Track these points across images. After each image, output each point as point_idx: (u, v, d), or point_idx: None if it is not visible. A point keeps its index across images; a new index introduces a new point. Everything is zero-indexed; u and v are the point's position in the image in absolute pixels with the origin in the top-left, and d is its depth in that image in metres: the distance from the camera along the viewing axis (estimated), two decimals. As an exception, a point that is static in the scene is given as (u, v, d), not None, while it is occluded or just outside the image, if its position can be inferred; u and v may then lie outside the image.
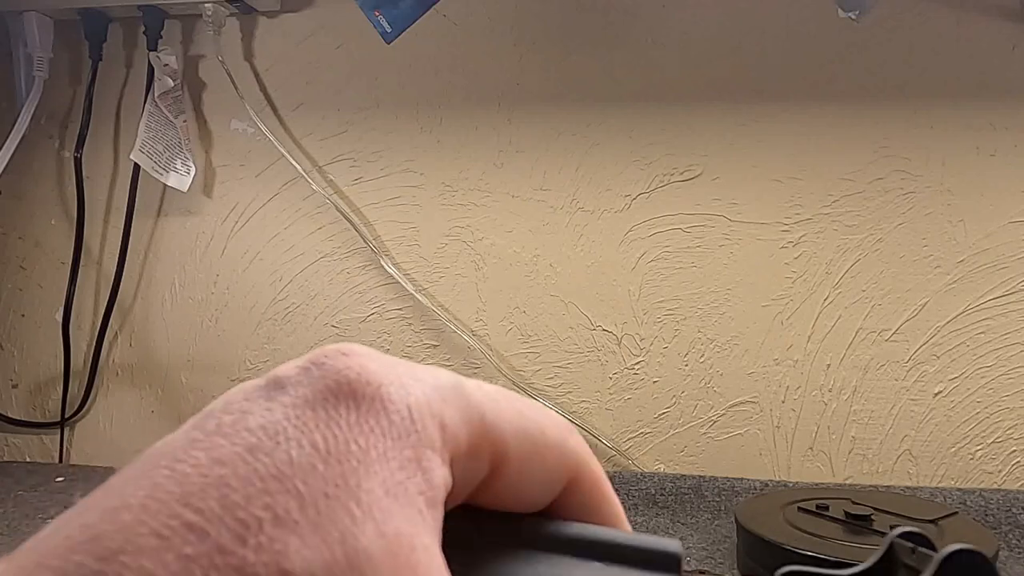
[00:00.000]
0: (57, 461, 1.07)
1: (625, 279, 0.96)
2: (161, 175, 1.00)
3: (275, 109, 1.02)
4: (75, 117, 1.04)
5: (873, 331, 0.91)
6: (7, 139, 0.99)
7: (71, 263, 1.05)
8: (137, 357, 1.06)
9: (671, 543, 0.18)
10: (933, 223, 0.90)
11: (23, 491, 0.92)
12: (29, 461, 1.08)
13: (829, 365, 0.92)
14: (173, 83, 1.00)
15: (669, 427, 0.95)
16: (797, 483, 0.90)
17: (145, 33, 1.00)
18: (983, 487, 0.87)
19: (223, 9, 0.98)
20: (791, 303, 0.93)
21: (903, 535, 0.21)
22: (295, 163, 0.99)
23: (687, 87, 0.94)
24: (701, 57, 0.94)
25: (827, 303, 0.92)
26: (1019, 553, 0.77)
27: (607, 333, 0.96)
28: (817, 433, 0.92)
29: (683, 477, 0.90)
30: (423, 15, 0.88)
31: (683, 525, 0.83)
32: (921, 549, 0.20)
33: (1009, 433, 0.89)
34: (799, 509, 0.70)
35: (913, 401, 0.90)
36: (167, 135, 1.00)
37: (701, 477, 0.90)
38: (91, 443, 1.07)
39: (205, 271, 1.05)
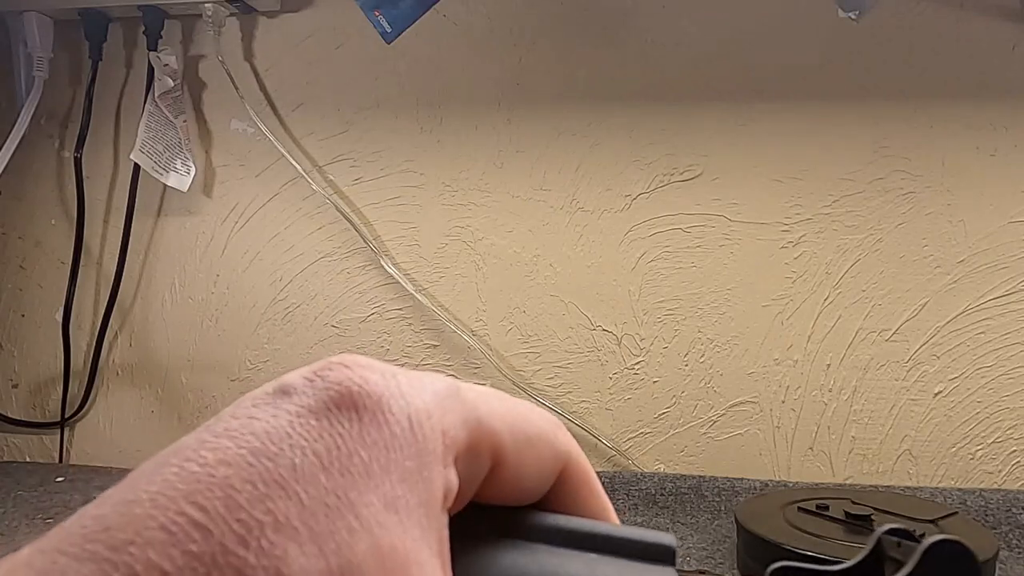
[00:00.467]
0: (57, 461, 1.07)
1: (625, 279, 0.96)
2: (161, 175, 1.00)
3: (275, 109, 1.02)
4: (75, 117, 1.04)
5: (873, 331, 0.91)
6: (7, 139, 0.99)
7: (71, 263, 1.05)
8: (137, 357, 1.06)
9: (666, 536, 0.18)
10: (933, 223, 0.90)
11: (23, 491, 0.92)
12: (29, 461, 1.08)
13: (829, 365, 0.92)
14: (173, 83, 1.00)
15: (669, 427, 0.95)
16: (797, 483, 0.90)
17: (145, 33, 1.00)
18: (983, 487, 0.87)
19: (223, 9, 0.98)
20: (791, 303, 0.93)
21: (890, 531, 0.21)
22: (295, 163, 0.99)
23: (687, 87, 0.94)
24: (701, 57, 0.94)
25: (827, 303, 0.92)
26: (1019, 553, 0.77)
27: (607, 333, 0.96)
28: (817, 433, 0.92)
29: (683, 477, 0.90)
30: (423, 15, 0.88)
31: (683, 525, 0.83)
32: (906, 542, 0.20)
33: (1009, 433, 0.89)
34: (799, 509, 0.70)
35: (913, 401, 0.90)
36: (167, 135, 1.00)
37: (701, 477, 0.90)
38: (91, 443, 1.08)
39: (205, 271, 1.05)
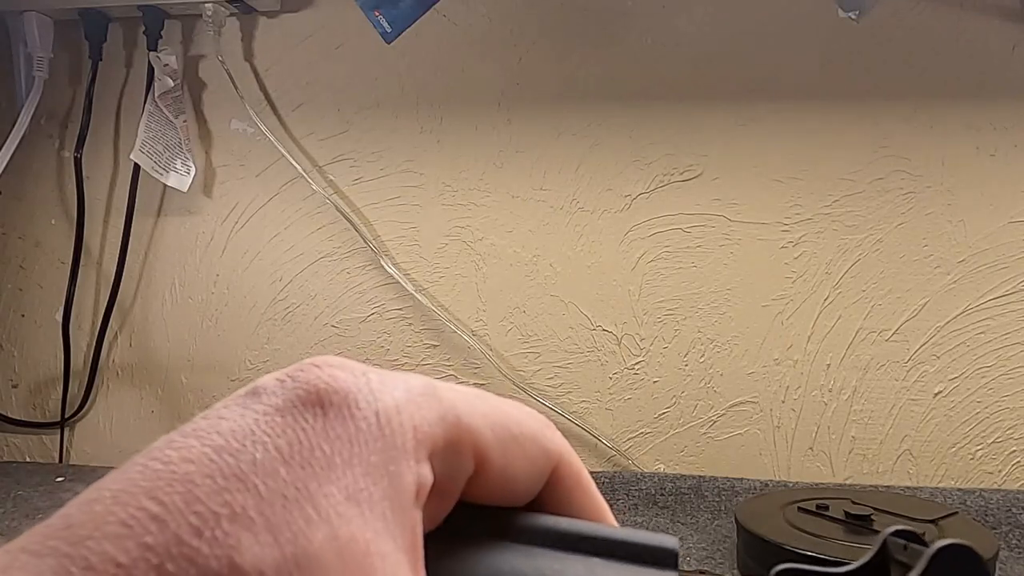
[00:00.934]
0: (57, 461, 1.07)
1: (625, 279, 0.96)
2: (161, 175, 1.00)
3: (275, 109, 1.02)
4: (75, 117, 1.04)
5: (873, 331, 0.91)
6: (7, 139, 0.99)
7: (71, 263, 1.05)
8: (137, 357, 1.06)
9: (668, 539, 0.18)
10: (933, 223, 0.90)
11: (23, 491, 0.92)
12: (29, 461, 1.08)
13: (829, 365, 0.92)
14: (173, 83, 1.00)
15: (669, 427, 0.95)
16: (797, 483, 0.90)
17: (145, 33, 1.00)
18: (983, 487, 0.87)
19: (223, 9, 0.98)
20: (791, 303, 0.93)
21: (896, 533, 0.21)
22: (295, 163, 0.99)
23: (687, 87, 0.94)
24: (701, 57, 0.94)
25: (827, 303, 0.92)
26: (1019, 553, 0.77)
27: (607, 333, 0.96)
28: (817, 433, 0.92)
29: (683, 477, 0.90)
30: (423, 15, 0.88)
31: (683, 525, 0.83)
32: (913, 546, 0.20)
33: (1009, 433, 0.89)
34: (799, 509, 0.70)
35: (913, 401, 0.90)
36: (167, 135, 1.00)
37: (701, 477, 0.90)
38: (91, 443, 1.07)
39: (205, 271, 1.05)
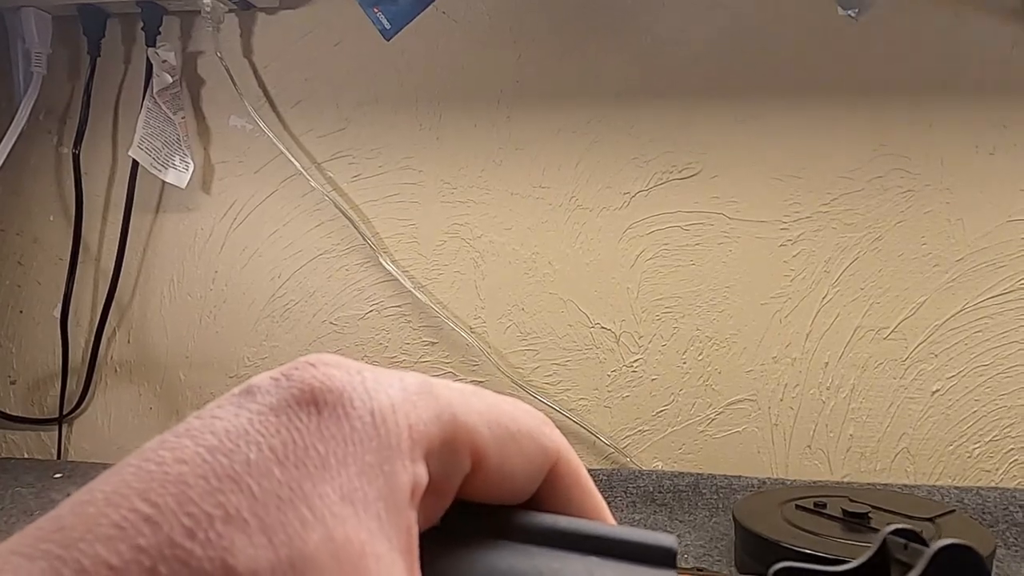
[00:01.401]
0: (55, 458, 1.07)
1: (624, 277, 0.96)
2: (159, 171, 1.00)
3: (274, 105, 1.02)
4: (73, 113, 1.04)
5: (871, 329, 0.91)
6: (5, 135, 0.99)
7: (69, 259, 1.04)
8: (135, 354, 1.06)
9: (666, 537, 0.18)
10: (932, 221, 0.90)
11: (21, 488, 0.92)
12: (27, 458, 1.08)
13: (827, 363, 0.92)
14: (172, 79, 1.00)
15: (667, 425, 0.95)
16: (795, 481, 0.90)
17: (144, 29, 1.00)
18: (980, 485, 0.87)
19: (222, 5, 0.98)
20: (790, 301, 0.93)
21: (896, 532, 0.21)
22: (294, 160, 0.99)
23: (686, 84, 0.94)
24: (700, 55, 0.94)
25: (825, 301, 0.92)
26: (1016, 551, 0.77)
27: (605, 331, 0.96)
28: (815, 431, 0.92)
29: (681, 475, 0.90)
30: (422, 12, 0.88)
31: (681, 523, 0.83)
32: (913, 545, 0.20)
33: (1007, 431, 0.89)
34: (797, 507, 0.70)
35: (911, 399, 0.90)
36: (166, 131, 1.00)
37: (699, 475, 0.90)
38: (89, 440, 1.07)
39: (203, 268, 1.05)
